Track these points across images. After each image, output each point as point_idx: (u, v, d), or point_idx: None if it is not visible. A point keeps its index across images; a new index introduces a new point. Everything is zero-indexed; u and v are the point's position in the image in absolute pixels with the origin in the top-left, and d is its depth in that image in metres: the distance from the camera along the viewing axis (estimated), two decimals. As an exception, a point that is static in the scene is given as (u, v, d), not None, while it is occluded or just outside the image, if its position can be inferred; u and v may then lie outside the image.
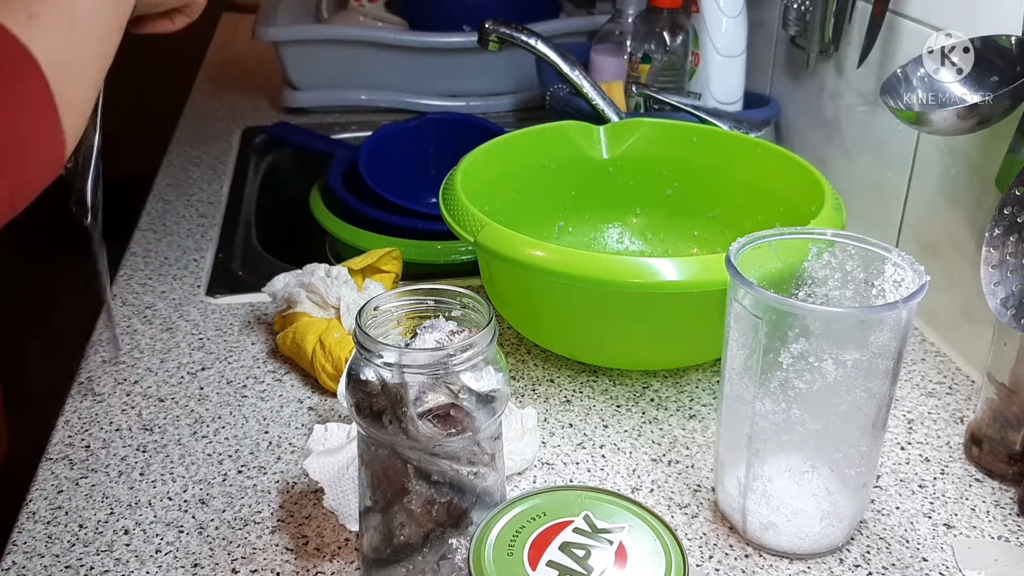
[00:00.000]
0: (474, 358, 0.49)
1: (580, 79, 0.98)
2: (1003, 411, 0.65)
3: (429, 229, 0.98)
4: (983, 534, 0.62)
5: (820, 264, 0.58)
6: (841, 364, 0.53)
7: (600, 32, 1.21)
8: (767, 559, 0.60)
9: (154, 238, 1.00)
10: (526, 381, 0.77)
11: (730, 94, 1.09)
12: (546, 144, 0.90)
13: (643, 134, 0.91)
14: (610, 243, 0.93)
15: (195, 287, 0.91)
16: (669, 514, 0.63)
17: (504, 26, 1.00)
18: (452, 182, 0.78)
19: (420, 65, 1.34)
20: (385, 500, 0.52)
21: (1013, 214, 0.62)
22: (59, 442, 0.70)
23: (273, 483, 0.66)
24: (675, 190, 0.91)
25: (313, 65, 1.34)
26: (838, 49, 0.96)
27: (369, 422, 0.49)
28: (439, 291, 0.53)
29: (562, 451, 0.69)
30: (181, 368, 0.78)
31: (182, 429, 0.71)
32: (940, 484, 0.66)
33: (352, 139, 1.29)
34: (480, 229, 0.71)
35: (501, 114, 1.38)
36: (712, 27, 1.06)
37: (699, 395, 0.75)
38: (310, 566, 0.59)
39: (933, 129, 0.70)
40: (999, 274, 0.62)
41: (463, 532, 0.52)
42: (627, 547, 0.45)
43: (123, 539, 0.61)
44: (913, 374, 0.78)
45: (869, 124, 0.92)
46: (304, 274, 0.80)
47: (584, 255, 0.69)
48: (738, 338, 0.56)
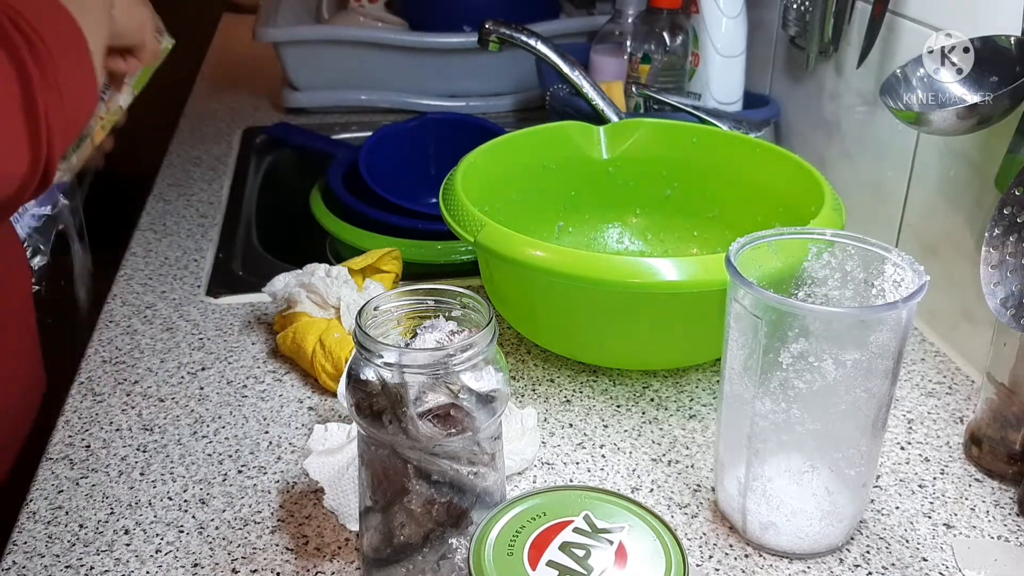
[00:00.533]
0: (474, 358, 0.49)
1: (580, 79, 0.98)
2: (1003, 411, 0.65)
3: (429, 229, 0.98)
4: (983, 534, 0.62)
5: (820, 264, 0.58)
6: (841, 364, 0.53)
7: (600, 32, 1.21)
8: (767, 559, 0.60)
9: (154, 238, 1.00)
10: (526, 381, 0.77)
11: (730, 94, 1.09)
12: (546, 144, 0.90)
13: (643, 134, 0.91)
14: (610, 243, 0.93)
15: (195, 287, 0.91)
16: (669, 514, 0.63)
17: (504, 26, 1.00)
18: (452, 182, 0.78)
19: (420, 65, 1.34)
20: (385, 500, 0.52)
21: (1013, 214, 0.62)
22: (59, 442, 0.70)
23: (273, 483, 0.66)
24: (675, 190, 0.91)
25: (313, 65, 1.34)
26: (838, 49, 0.96)
27: (369, 422, 0.49)
28: (439, 291, 0.53)
29: (562, 451, 0.69)
30: (181, 368, 0.79)
31: (182, 429, 0.71)
32: (940, 484, 0.66)
33: (352, 139, 1.29)
34: (480, 229, 0.71)
35: (501, 114, 1.38)
36: (712, 27, 1.06)
37: (699, 395, 0.75)
38: (310, 566, 0.59)
39: (933, 129, 0.70)
40: (999, 274, 0.62)
41: (463, 532, 0.52)
42: (627, 547, 0.45)
43: (123, 539, 0.61)
44: (913, 374, 0.78)
45: (869, 124, 0.92)
46: (304, 274, 0.80)
47: (584, 255, 0.69)
48: (738, 338, 0.56)
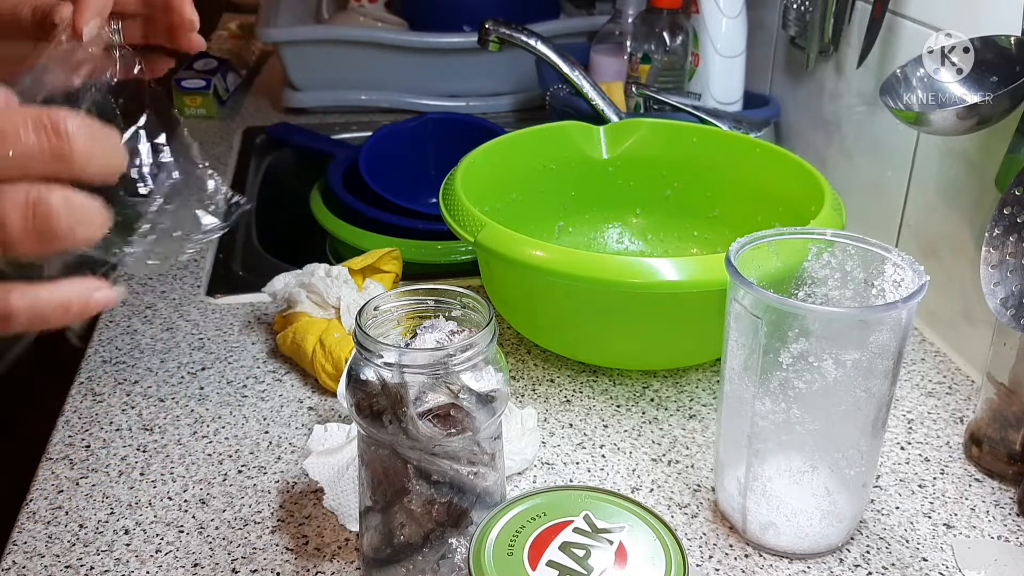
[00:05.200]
0: (474, 358, 0.49)
1: (580, 79, 0.98)
2: (1003, 411, 0.65)
3: (429, 229, 0.98)
4: (983, 534, 0.62)
5: (820, 264, 0.58)
6: (841, 364, 0.53)
7: (600, 32, 1.21)
8: (767, 559, 0.60)
9: (154, 238, 1.00)
10: (526, 381, 0.77)
11: (730, 94, 1.09)
12: (546, 144, 0.90)
13: (643, 134, 0.91)
14: (610, 243, 0.93)
15: (195, 287, 0.91)
16: (669, 514, 0.63)
17: (504, 26, 1.00)
18: (452, 182, 0.78)
19: (420, 65, 1.34)
20: (385, 500, 0.52)
21: (1013, 214, 0.62)
22: (59, 442, 0.70)
23: (273, 483, 0.66)
24: (675, 190, 0.91)
25: (313, 65, 1.34)
26: (838, 49, 0.96)
27: (369, 422, 0.49)
28: (439, 291, 0.53)
29: (562, 451, 0.69)
30: (181, 368, 0.79)
31: (182, 429, 0.71)
32: (940, 484, 0.66)
33: (352, 139, 1.29)
34: (480, 229, 0.71)
35: (501, 114, 1.38)
36: (712, 27, 1.06)
37: (699, 395, 0.75)
38: (310, 566, 0.59)
39: (933, 129, 0.70)
40: (999, 274, 0.62)
41: (463, 532, 0.52)
42: (627, 547, 0.45)
43: (123, 539, 0.61)
44: (913, 374, 0.78)
45: (869, 124, 0.92)
46: (304, 274, 0.80)
47: (584, 255, 0.69)
48: (738, 338, 0.56)
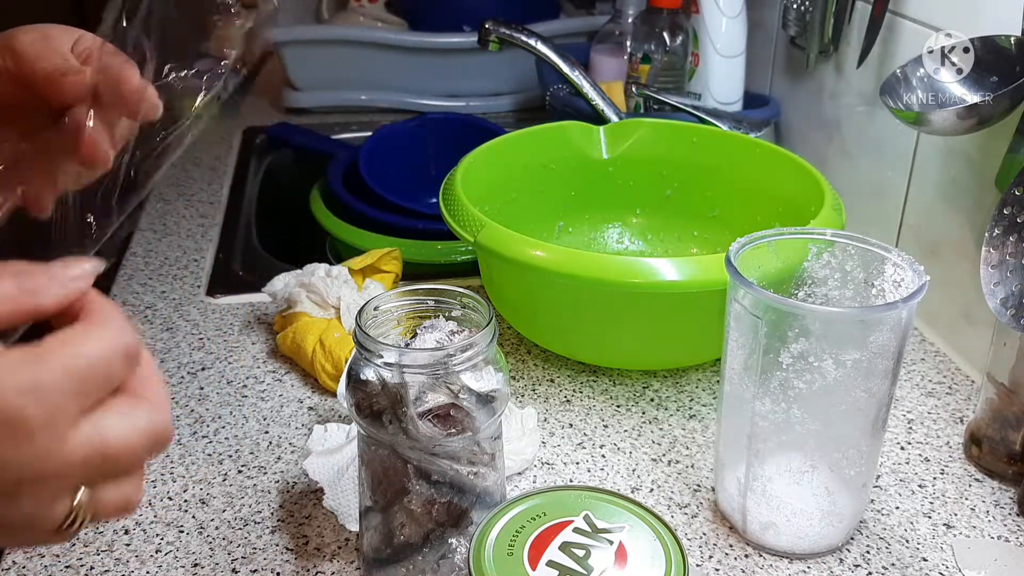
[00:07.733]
0: (474, 358, 0.49)
1: (580, 79, 0.98)
2: (1003, 411, 0.65)
3: (429, 229, 0.98)
4: (983, 534, 0.62)
5: (820, 264, 0.58)
6: (841, 364, 0.53)
7: (600, 32, 1.21)
8: (767, 559, 0.60)
9: (154, 238, 1.00)
10: (526, 381, 0.77)
11: (730, 94, 1.09)
12: (546, 144, 0.90)
13: (643, 134, 0.91)
14: (610, 243, 0.93)
15: (195, 287, 0.91)
16: (669, 514, 0.63)
17: (504, 26, 1.00)
18: (452, 182, 0.78)
19: (420, 65, 1.34)
20: (385, 500, 0.52)
21: (1013, 214, 0.62)
22: (59, 442, 0.70)
23: (273, 483, 0.66)
24: (675, 190, 0.91)
25: (313, 65, 1.34)
26: (838, 49, 0.96)
27: (369, 422, 0.49)
28: (439, 291, 0.53)
29: (562, 451, 0.69)
30: (181, 368, 0.78)
31: (182, 429, 0.71)
32: (940, 484, 0.66)
33: (352, 139, 1.28)
34: (480, 229, 0.71)
35: (501, 114, 1.38)
36: (712, 27, 1.06)
37: (699, 395, 0.75)
38: (310, 566, 0.59)
39: (933, 129, 0.70)
40: (999, 274, 0.62)
41: (463, 532, 0.52)
42: (627, 547, 0.45)
43: (123, 539, 0.61)
44: (913, 374, 0.78)
45: (869, 124, 0.92)
46: (304, 274, 0.80)
47: (584, 255, 0.69)
48: (738, 338, 0.56)
